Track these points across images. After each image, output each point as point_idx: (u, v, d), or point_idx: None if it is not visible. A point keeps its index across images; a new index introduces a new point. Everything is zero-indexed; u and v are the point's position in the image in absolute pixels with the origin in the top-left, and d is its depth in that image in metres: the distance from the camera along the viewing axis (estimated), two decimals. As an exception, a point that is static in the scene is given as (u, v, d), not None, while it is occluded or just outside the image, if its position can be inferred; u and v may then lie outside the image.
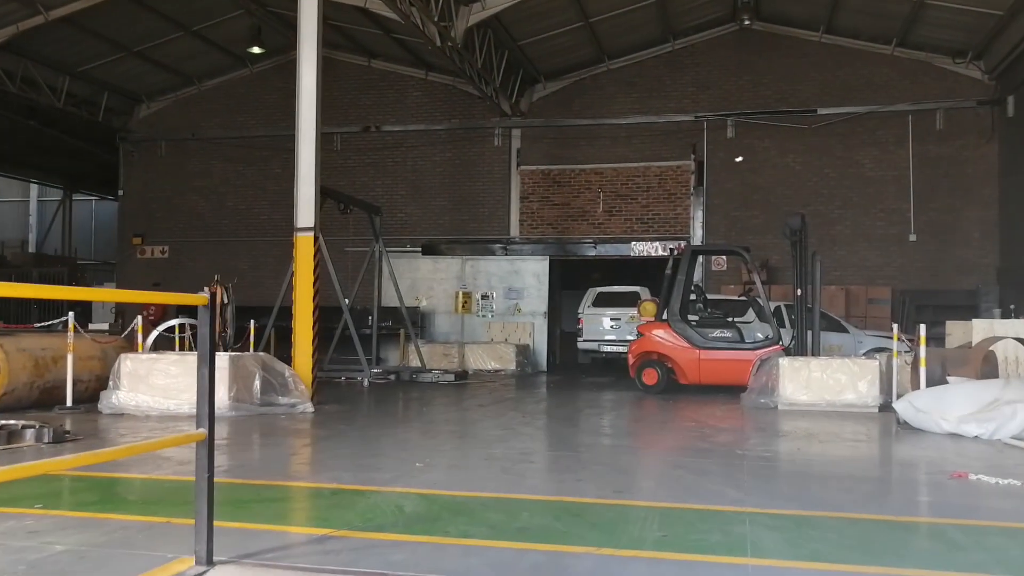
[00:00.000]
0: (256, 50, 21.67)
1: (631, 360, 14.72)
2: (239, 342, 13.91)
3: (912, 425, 9.24)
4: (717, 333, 14.32)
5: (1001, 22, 17.58)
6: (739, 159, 20.85)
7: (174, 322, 12.65)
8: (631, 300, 20.13)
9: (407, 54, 22.19)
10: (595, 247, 21.77)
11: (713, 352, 14.16)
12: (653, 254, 21.22)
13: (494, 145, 22.41)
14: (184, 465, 6.40)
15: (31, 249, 34.71)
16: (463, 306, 22.12)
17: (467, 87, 21.49)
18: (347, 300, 18.57)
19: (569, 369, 22.24)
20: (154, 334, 12.21)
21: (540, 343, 21.65)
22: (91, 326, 14.56)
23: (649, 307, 14.99)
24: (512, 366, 19.82)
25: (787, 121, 20.64)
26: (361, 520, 4.68)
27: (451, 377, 16.75)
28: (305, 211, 11.57)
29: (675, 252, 15.15)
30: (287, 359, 11.40)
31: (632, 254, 21.47)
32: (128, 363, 9.96)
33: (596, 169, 21.88)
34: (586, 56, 21.54)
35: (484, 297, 22.10)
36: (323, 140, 23.22)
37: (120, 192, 24.81)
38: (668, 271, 14.81)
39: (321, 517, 4.92)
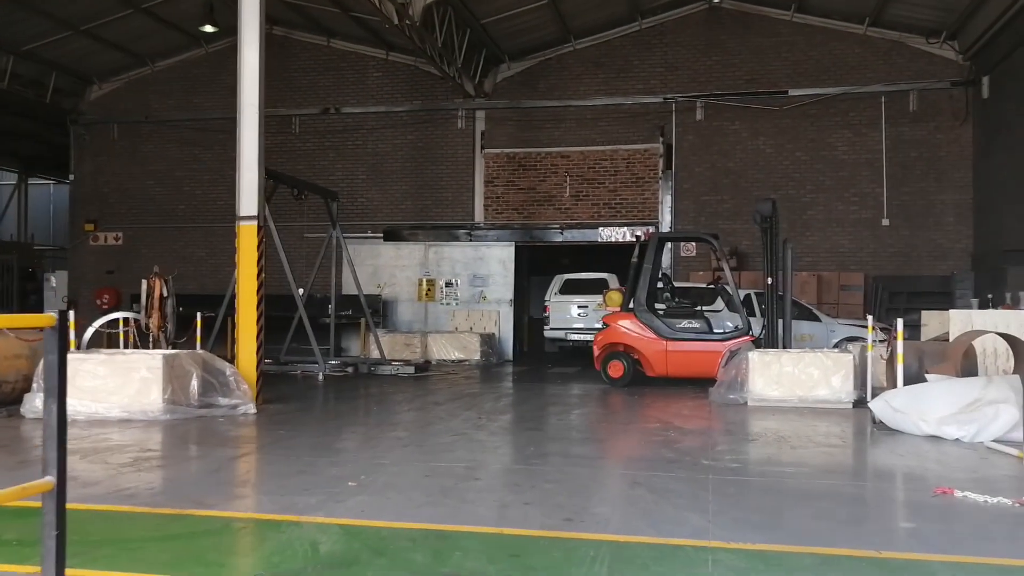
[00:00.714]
0: (209, 28, 20.78)
1: (596, 352, 14.16)
2: (183, 336, 13.18)
3: (889, 426, 8.74)
4: (685, 323, 13.78)
5: (976, 0, 17.09)
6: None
7: (116, 315, 11.89)
8: (599, 287, 19.50)
9: (367, 33, 21.40)
10: (562, 233, 21.16)
11: (681, 343, 13.63)
12: (621, 240, 20.65)
13: (457, 128, 21.70)
14: (89, 488, 5.74)
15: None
16: (426, 294, 21.48)
17: (429, 67, 20.74)
18: (301, 290, 17.94)
19: (536, 358, 21.68)
20: (91, 330, 11.49)
21: (506, 331, 21.04)
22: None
23: (615, 296, 14.42)
24: (476, 356, 19.21)
25: (758, 103, 20.10)
26: (265, 566, 4.05)
27: (411, 369, 16.12)
28: (248, 199, 10.87)
29: (641, 239, 14.56)
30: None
31: (600, 240, 20.89)
32: (51, 364, 9.22)
33: (562, 152, 21.25)
34: (551, 35, 20.87)
35: (448, 284, 21.45)
36: (281, 123, 22.77)
37: (71, 176, 23.86)
38: (634, 259, 14.24)
39: (218, 563, 4.27)
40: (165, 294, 10.96)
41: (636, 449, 7.99)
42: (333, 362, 16.97)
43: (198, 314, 13.65)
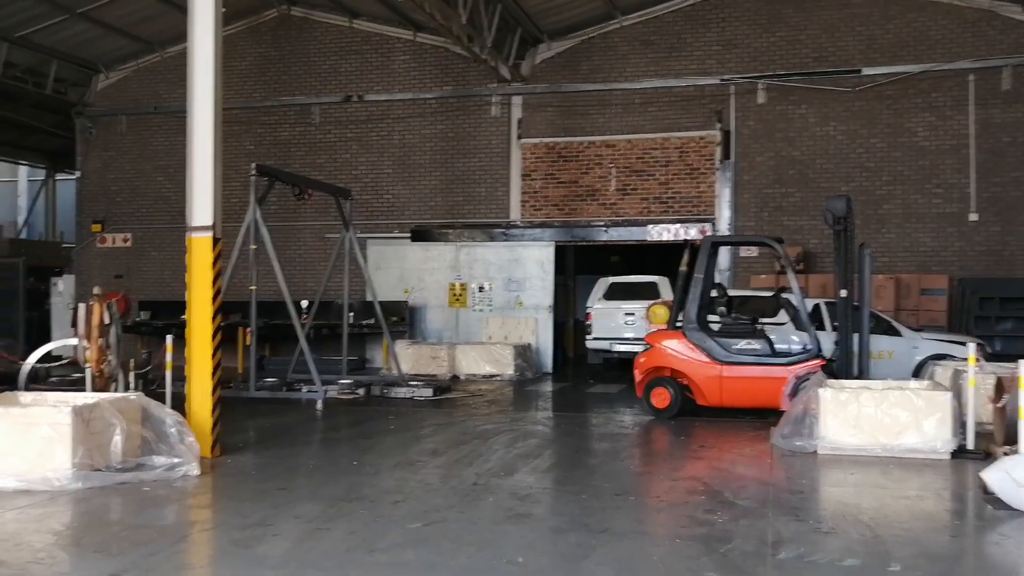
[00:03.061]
0: (216, 9, 19.02)
1: (638, 377, 12.08)
2: (147, 367, 11.37)
3: (1007, 503, 6.59)
4: (743, 344, 11.62)
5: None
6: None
7: (50, 346, 10.11)
8: (649, 292, 17.52)
9: (392, 12, 19.51)
10: (607, 231, 19.04)
11: (738, 368, 11.49)
12: (673, 238, 18.49)
13: (491, 115, 19.69)
14: None
15: (24, 233, 32.68)
16: (457, 299, 19.57)
17: (456, 47, 18.77)
18: (305, 302, 16.23)
19: (578, 371, 19.63)
20: (27, 365, 9.77)
21: (544, 341, 19.01)
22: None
23: (660, 312, 12.31)
24: (509, 370, 17.24)
25: (827, 83, 17.71)
26: None
27: (429, 392, 14.21)
28: (201, 205, 9.03)
29: (692, 242, 12.42)
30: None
31: (649, 238, 18.72)
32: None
33: (608, 141, 19.12)
34: (595, 11, 18.71)
35: (481, 289, 19.49)
36: (300, 113, 20.93)
37: (78, 173, 22.43)
38: (683, 267, 12.13)
39: None
40: (107, 320, 9.13)
41: (677, 523, 5.96)
42: (344, 381, 15.14)
43: (168, 337, 11.84)
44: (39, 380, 11.84)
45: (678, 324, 11.92)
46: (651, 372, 11.97)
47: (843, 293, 10.99)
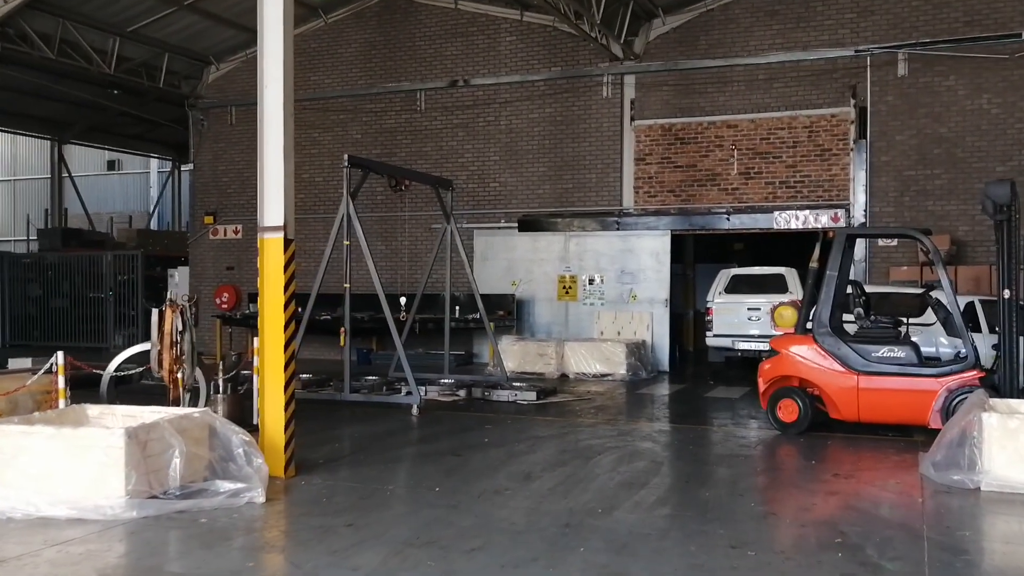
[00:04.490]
0: (318, -6, 18.51)
1: (762, 386, 10.76)
2: (234, 370, 10.72)
3: None
4: (884, 352, 10.14)
5: None
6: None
7: (132, 350, 9.54)
8: (776, 285, 16.08)
9: (498, -9, 18.57)
10: (728, 219, 17.59)
11: (878, 379, 10.04)
12: (802, 226, 16.93)
13: (602, 96, 18.48)
14: None
15: (154, 224, 33.43)
16: (567, 292, 18.50)
17: (567, 27, 17.62)
18: (403, 298, 15.50)
19: (696, 370, 18.30)
20: (108, 373, 9.22)
21: (660, 337, 17.75)
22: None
23: (786, 313, 10.98)
24: (621, 369, 16.09)
25: (980, 50, 15.79)
26: None
27: (532, 396, 13.22)
28: (273, 204, 8.23)
29: (825, 237, 10.98)
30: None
31: (775, 226, 17.20)
32: (-11, 436, 6.89)
33: (729, 122, 17.65)
34: (715, -19, 17.29)
35: (591, 281, 18.36)
36: (405, 100, 20.18)
37: (191, 165, 22.38)
38: (813, 263, 10.72)
39: None
40: (180, 327, 8.46)
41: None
42: (445, 381, 14.34)
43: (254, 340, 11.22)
44: (130, 383, 11.41)
45: (808, 327, 10.55)
46: (777, 381, 10.64)
47: (1006, 294, 9.40)
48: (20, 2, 17.23)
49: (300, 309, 12.82)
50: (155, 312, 8.53)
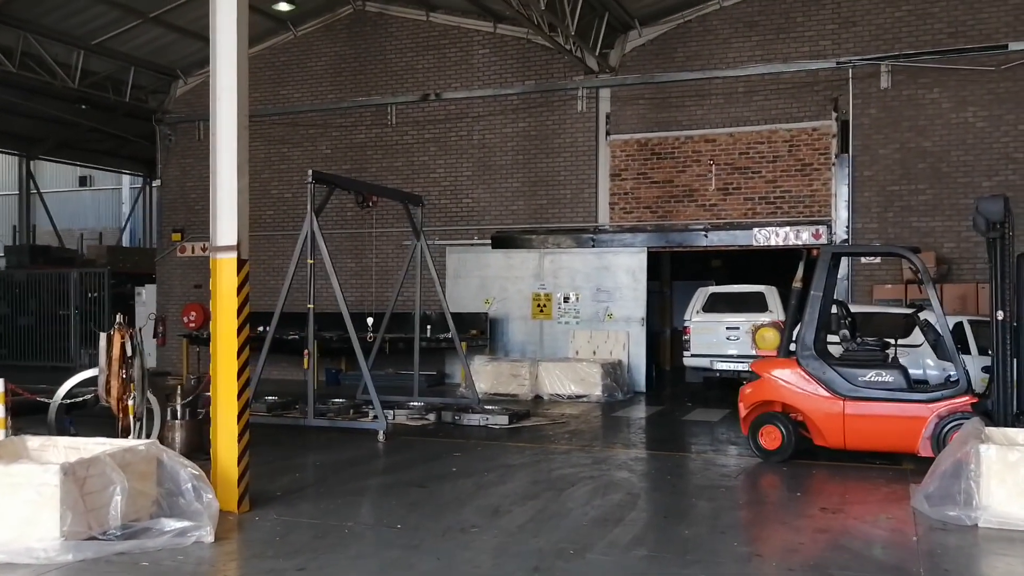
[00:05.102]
0: (284, 7, 17.97)
1: (743, 411, 10.26)
2: (192, 394, 10.10)
3: None
4: (871, 376, 9.66)
5: None
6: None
7: (80, 376, 8.90)
8: (755, 304, 15.69)
9: (471, 4, 18.09)
10: (706, 235, 17.14)
11: (865, 404, 9.55)
12: (782, 243, 16.51)
13: (577, 111, 18.02)
14: None
15: (125, 241, 32.72)
16: (541, 310, 17.99)
17: (540, 38, 17.18)
18: (370, 318, 15.00)
19: (673, 391, 17.81)
20: (55, 402, 8.59)
21: (636, 357, 17.25)
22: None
23: (768, 335, 10.52)
24: (597, 391, 15.57)
25: (965, 62, 15.45)
26: None
27: (504, 420, 12.67)
28: (226, 222, 7.69)
29: (808, 255, 10.53)
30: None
31: (755, 243, 16.76)
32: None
33: (707, 136, 17.23)
34: (692, -10, 16.92)
35: (567, 299, 17.85)
36: (376, 114, 19.59)
37: (158, 181, 21.74)
38: (796, 283, 10.26)
39: None
40: (129, 352, 7.87)
41: None
42: (414, 404, 13.76)
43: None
44: (84, 408, 10.74)
45: (791, 350, 10.08)
46: (759, 406, 10.14)
47: (1000, 315, 8.96)
48: (-24, 13, 16.66)
49: (264, 328, 12.41)
50: (103, 336, 7.92)
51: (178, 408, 9.84)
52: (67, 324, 23.35)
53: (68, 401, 8.94)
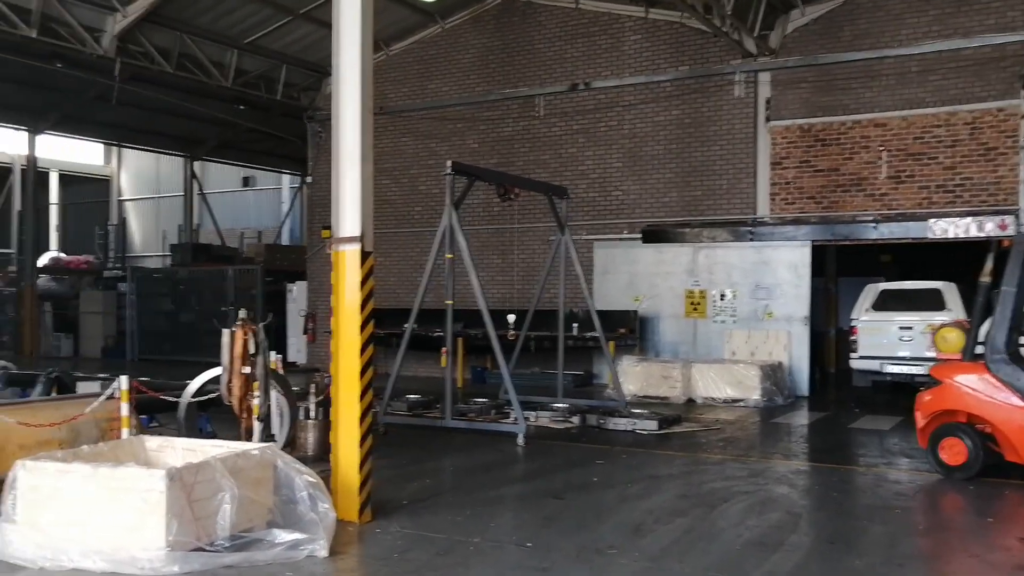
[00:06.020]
0: (429, -2, 17.75)
1: (920, 421, 9.18)
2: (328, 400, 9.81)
3: None
4: (1074, 384, 8.43)
5: None
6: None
7: (210, 374, 8.77)
8: (931, 301, 14.36)
9: (622, -12, 17.41)
10: (876, 227, 15.80)
11: (1067, 417, 8.33)
12: (963, 235, 15.00)
13: (734, 96, 17.01)
14: None
15: (284, 239, 33.72)
16: (695, 309, 17.08)
17: (694, 22, 16.30)
18: (511, 316, 14.54)
19: (839, 395, 16.56)
20: (185, 398, 8.49)
21: (798, 359, 16.11)
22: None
23: (951, 336, 9.33)
24: (755, 395, 14.60)
25: None
26: None
27: (653, 425, 11.92)
28: (349, 213, 7.27)
29: (999, 244, 9.31)
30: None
31: (930, 235, 15.31)
32: (26, 475, 6.14)
33: (876, 120, 15.91)
34: (861, -36, 15.61)
35: (722, 297, 16.88)
36: (523, 106, 19.11)
37: (308, 178, 22.05)
38: (983, 278, 9.08)
39: None
40: (253, 350, 7.62)
41: None
42: (558, 406, 13.18)
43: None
44: (220, 406, 10.69)
45: (978, 353, 8.91)
46: (940, 416, 9.04)
47: None
48: (139, 16, 17.21)
49: (405, 325, 12.15)
50: (225, 333, 7.69)
51: (311, 407, 9.62)
52: (224, 321, 24.05)
53: (198, 399, 8.76)
